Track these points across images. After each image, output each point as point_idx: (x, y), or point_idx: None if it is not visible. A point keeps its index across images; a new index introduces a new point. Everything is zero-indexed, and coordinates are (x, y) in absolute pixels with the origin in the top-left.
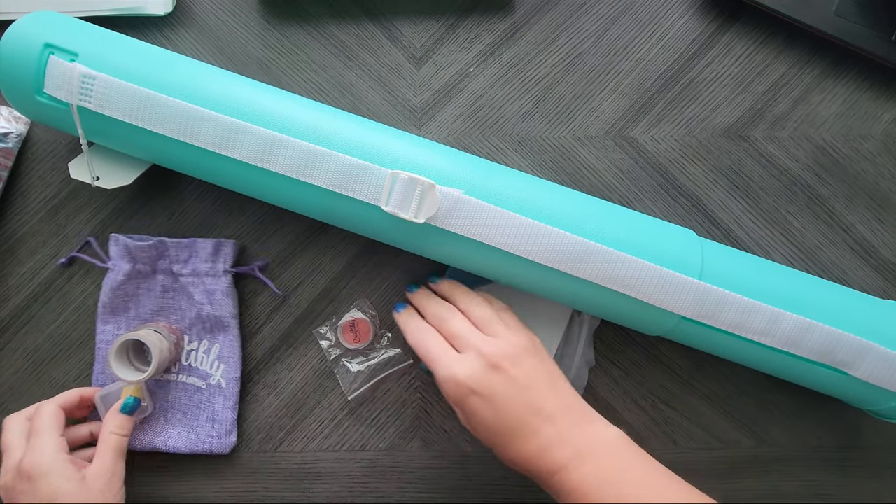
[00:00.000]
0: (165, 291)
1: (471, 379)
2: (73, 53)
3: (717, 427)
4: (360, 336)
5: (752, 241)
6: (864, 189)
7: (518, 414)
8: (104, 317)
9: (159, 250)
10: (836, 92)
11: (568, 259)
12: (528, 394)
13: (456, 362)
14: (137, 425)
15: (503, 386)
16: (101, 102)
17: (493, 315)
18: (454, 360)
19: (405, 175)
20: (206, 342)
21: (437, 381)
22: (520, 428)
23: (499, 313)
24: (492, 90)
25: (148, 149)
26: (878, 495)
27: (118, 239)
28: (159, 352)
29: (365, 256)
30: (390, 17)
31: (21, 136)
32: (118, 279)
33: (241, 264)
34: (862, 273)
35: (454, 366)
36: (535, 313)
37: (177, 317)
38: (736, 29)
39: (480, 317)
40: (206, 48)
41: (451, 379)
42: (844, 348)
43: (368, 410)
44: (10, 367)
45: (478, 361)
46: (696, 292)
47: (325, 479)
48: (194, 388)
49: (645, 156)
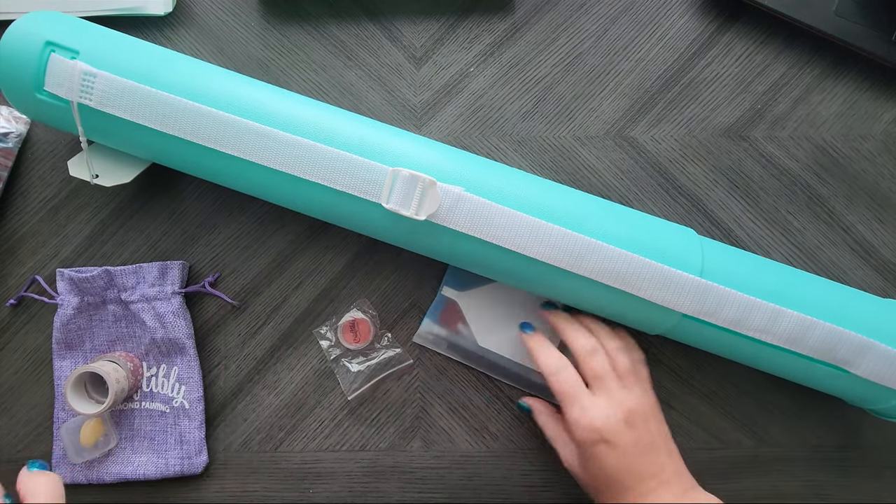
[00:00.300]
0: (117, 320)
1: (605, 427)
2: (73, 51)
3: (717, 427)
4: (360, 336)
5: (752, 241)
6: (864, 189)
7: (640, 471)
8: (60, 353)
9: (105, 280)
10: (836, 92)
11: (569, 256)
12: (650, 455)
13: (593, 407)
14: (104, 458)
15: (632, 442)
16: (101, 100)
17: (631, 366)
18: (591, 403)
19: (406, 172)
20: (165, 366)
21: (567, 419)
22: (637, 484)
23: (635, 364)
24: (492, 90)
25: (148, 147)
26: (878, 495)
27: (63, 273)
28: (115, 381)
29: (365, 256)
30: (390, 17)
31: (21, 136)
32: (68, 313)
33: (193, 282)
34: (862, 273)
35: (591, 410)
36: (534, 311)
37: (132, 344)
38: (736, 29)
39: (621, 364)
40: (206, 48)
41: (588, 423)
42: (845, 346)
43: (368, 410)
44: (10, 367)
45: (613, 410)
46: (696, 289)
47: (325, 479)
48: (158, 412)
49: (645, 156)
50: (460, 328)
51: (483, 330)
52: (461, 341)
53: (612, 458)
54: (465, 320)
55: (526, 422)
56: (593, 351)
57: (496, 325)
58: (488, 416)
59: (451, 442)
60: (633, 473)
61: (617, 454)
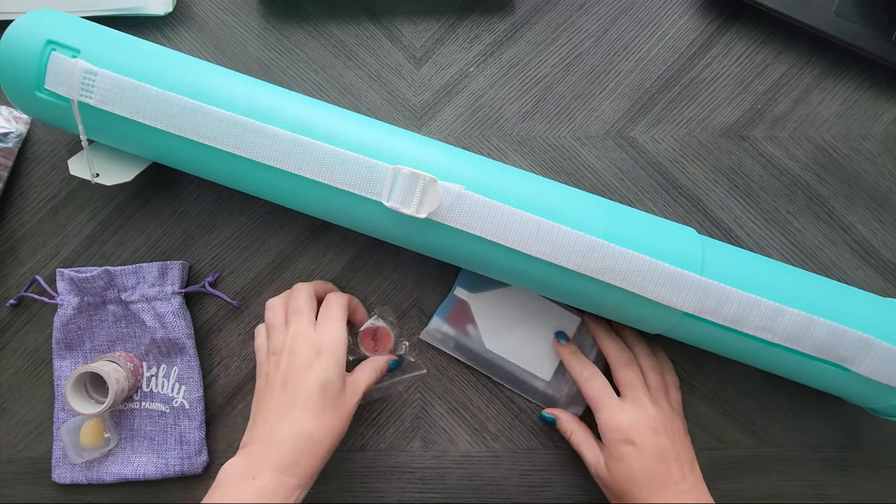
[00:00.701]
0: (117, 320)
1: (631, 428)
2: (74, 50)
3: (717, 427)
4: (380, 346)
5: (752, 241)
6: (864, 189)
7: (662, 477)
8: (60, 353)
9: (105, 280)
10: (836, 92)
11: (570, 255)
12: (673, 464)
13: (622, 411)
14: (104, 458)
15: (657, 447)
16: (102, 98)
17: (662, 384)
18: (620, 407)
19: (407, 170)
20: (165, 366)
21: (598, 421)
22: (658, 490)
23: (668, 384)
24: (492, 90)
25: (148, 146)
26: (878, 495)
27: (63, 273)
28: (115, 381)
29: (365, 255)
30: (390, 17)
31: (21, 136)
32: (68, 313)
33: (193, 283)
34: (862, 273)
35: (620, 413)
36: (544, 319)
37: (132, 344)
38: (736, 29)
39: (652, 380)
40: (205, 48)
41: (616, 424)
42: (846, 343)
43: (368, 410)
44: (10, 367)
45: (641, 416)
46: (697, 288)
47: (324, 479)
48: (158, 412)
49: (645, 156)
50: (469, 329)
51: (491, 333)
52: (468, 342)
53: (636, 459)
54: (475, 322)
55: (526, 422)
56: (628, 363)
57: (505, 329)
58: (488, 416)
59: (451, 442)
60: (656, 478)
61: (641, 456)
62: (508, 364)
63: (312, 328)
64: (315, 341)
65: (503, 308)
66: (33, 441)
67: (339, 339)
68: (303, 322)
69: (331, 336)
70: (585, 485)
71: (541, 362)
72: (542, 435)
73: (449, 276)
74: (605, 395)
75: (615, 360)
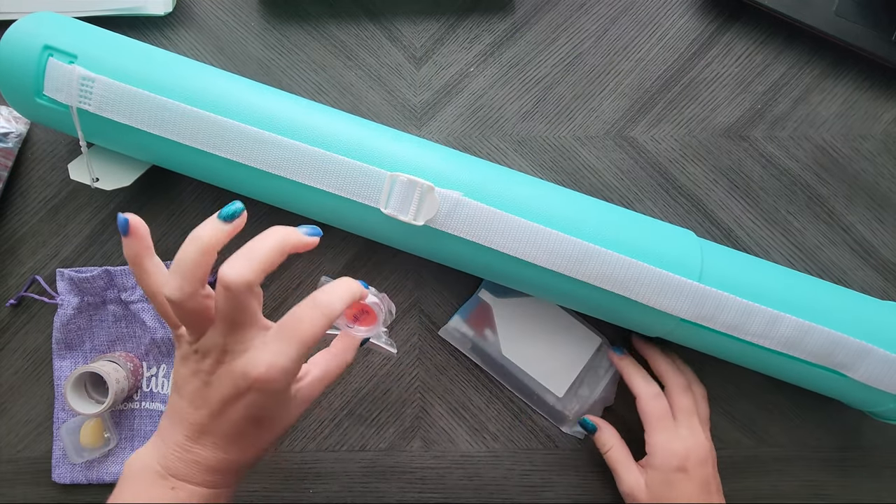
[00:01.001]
0: (117, 320)
1: (687, 456)
2: (72, 55)
3: (717, 427)
4: (361, 322)
5: (752, 241)
6: (864, 189)
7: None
8: (60, 353)
9: (105, 280)
10: (836, 92)
11: (566, 261)
12: (715, 497)
13: (679, 437)
14: (104, 458)
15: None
16: (100, 105)
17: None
18: (677, 433)
19: (404, 177)
20: (165, 366)
21: (651, 442)
22: None
23: (704, 423)
24: (492, 90)
25: (147, 150)
26: (878, 495)
27: (63, 273)
28: (115, 381)
29: (364, 256)
30: (390, 17)
31: (21, 137)
32: (68, 313)
33: None
34: (862, 273)
35: (677, 440)
36: (565, 335)
37: (132, 344)
38: (736, 29)
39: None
40: (206, 48)
41: (673, 449)
42: (843, 351)
43: (368, 410)
44: (10, 367)
45: (696, 444)
46: (694, 294)
47: (325, 479)
48: (158, 413)
49: (645, 156)
50: (487, 333)
51: (509, 340)
52: (485, 346)
53: (685, 487)
54: (495, 327)
55: (526, 421)
56: (686, 388)
57: (524, 339)
58: (488, 416)
59: (451, 442)
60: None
61: (691, 485)
62: (522, 374)
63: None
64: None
65: (525, 317)
66: (33, 441)
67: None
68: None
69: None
70: (585, 485)
71: (556, 378)
72: (542, 435)
73: (449, 277)
74: (666, 417)
75: (673, 384)
